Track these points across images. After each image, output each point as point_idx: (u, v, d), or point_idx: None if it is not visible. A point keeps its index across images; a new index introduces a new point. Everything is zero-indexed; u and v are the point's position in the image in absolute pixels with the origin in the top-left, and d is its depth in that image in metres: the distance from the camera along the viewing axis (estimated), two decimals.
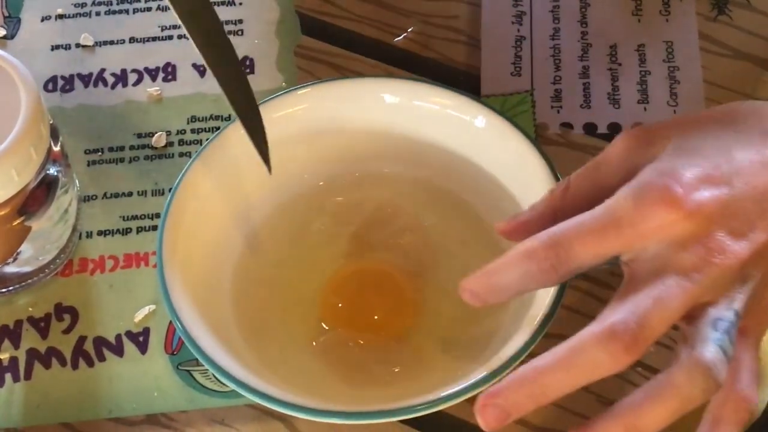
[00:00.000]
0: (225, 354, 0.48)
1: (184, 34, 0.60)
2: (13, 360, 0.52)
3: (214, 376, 0.51)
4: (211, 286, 0.51)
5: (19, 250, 0.52)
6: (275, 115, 0.53)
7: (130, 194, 0.57)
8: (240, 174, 0.53)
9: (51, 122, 0.52)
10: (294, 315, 0.52)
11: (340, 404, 0.46)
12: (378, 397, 0.47)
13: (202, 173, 0.52)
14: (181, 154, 0.58)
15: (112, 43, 0.61)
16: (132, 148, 0.58)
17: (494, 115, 0.52)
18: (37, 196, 0.51)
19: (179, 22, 0.59)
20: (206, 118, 0.59)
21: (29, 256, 0.53)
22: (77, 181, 0.56)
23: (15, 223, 0.51)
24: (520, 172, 0.51)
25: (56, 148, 0.52)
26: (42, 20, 0.62)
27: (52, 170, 0.52)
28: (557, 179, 0.50)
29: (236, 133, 0.52)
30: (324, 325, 0.52)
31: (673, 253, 0.43)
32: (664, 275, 0.43)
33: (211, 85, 0.59)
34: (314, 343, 0.51)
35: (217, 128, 0.58)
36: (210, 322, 0.49)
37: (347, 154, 0.54)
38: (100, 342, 0.53)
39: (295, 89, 0.54)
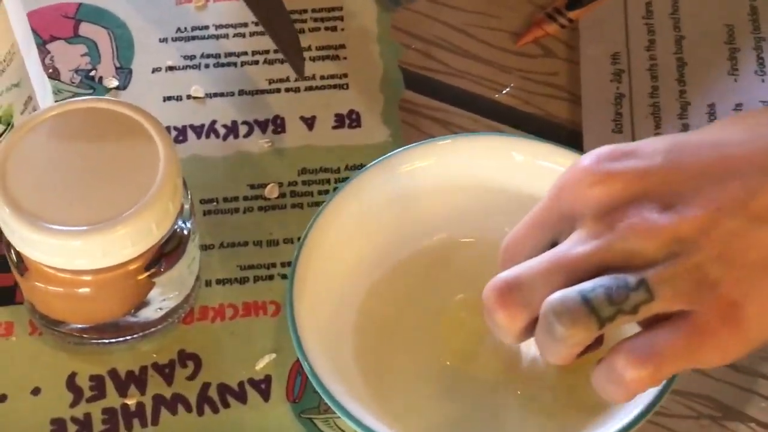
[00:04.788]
0: (353, 401, 0.50)
1: (293, 88, 0.63)
2: (140, 405, 0.54)
3: (336, 424, 0.53)
4: (334, 335, 0.53)
5: (147, 299, 0.54)
6: (405, 167, 0.55)
7: (246, 244, 0.58)
8: (364, 225, 0.54)
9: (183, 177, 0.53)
10: (414, 362, 0.53)
11: None
12: None
13: (328, 224, 0.54)
14: (293, 206, 0.59)
15: (222, 95, 0.63)
16: (245, 198, 0.59)
17: None
18: (170, 249, 0.52)
19: (287, 75, 0.61)
20: (316, 170, 0.60)
21: (156, 306, 0.54)
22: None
23: (140, 277, 0.52)
24: None
25: (186, 204, 0.53)
26: (153, 71, 0.63)
27: (182, 223, 0.53)
28: None
29: (360, 188, 0.54)
30: (445, 365, 0.53)
31: (582, 223, 0.43)
32: (567, 241, 0.43)
33: (319, 137, 0.61)
34: (434, 388, 0.52)
35: (327, 180, 0.59)
36: (335, 367, 0.51)
37: (471, 210, 0.55)
38: (223, 389, 0.54)
39: (434, 141, 0.56)
